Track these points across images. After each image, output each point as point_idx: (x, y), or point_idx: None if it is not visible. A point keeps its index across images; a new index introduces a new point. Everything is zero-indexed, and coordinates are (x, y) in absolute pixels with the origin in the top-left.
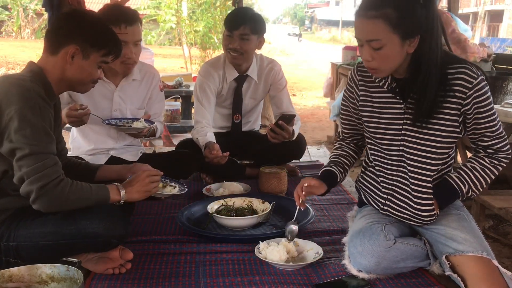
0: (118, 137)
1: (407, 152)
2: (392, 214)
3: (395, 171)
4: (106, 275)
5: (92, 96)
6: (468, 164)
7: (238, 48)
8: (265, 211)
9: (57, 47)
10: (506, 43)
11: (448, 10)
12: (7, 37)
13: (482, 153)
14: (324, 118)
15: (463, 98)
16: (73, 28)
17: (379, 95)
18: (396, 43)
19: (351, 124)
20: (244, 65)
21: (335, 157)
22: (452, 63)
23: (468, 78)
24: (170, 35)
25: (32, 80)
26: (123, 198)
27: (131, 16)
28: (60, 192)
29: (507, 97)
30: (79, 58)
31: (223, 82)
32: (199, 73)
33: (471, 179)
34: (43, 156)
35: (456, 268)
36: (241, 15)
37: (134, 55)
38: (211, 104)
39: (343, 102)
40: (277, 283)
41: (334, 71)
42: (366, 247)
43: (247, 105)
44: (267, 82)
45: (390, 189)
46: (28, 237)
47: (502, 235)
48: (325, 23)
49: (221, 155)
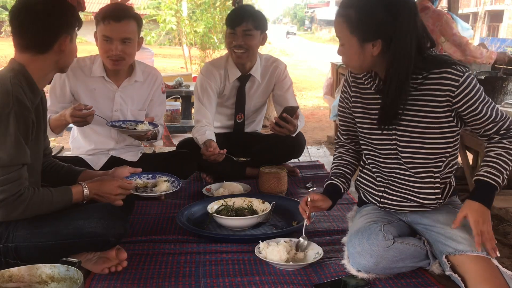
0: (119, 138)
1: (401, 146)
2: (390, 206)
3: (391, 168)
4: (106, 275)
5: (94, 95)
6: (491, 153)
7: (242, 44)
8: (265, 211)
9: (48, 45)
10: (506, 43)
11: (448, 10)
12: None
13: (497, 137)
14: (324, 118)
15: (451, 96)
16: (59, 21)
17: (369, 96)
18: (354, 44)
19: (348, 125)
20: (248, 64)
21: (336, 168)
22: (437, 67)
23: (454, 77)
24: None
25: (13, 80)
26: (86, 198)
27: (119, 12)
28: (19, 204)
29: (507, 97)
30: (68, 43)
31: (225, 81)
32: (200, 72)
33: (502, 166)
34: (8, 169)
35: (456, 267)
36: (243, 12)
37: (122, 53)
38: (212, 103)
39: (340, 103)
40: (277, 283)
41: (334, 71)
42: (365, 247)
43: (251, 105)
44: (271, 81)
45: (387, 183)
46: (27, 237)
47: (502, 235)
48: (325, 23)
49: (218, 152)
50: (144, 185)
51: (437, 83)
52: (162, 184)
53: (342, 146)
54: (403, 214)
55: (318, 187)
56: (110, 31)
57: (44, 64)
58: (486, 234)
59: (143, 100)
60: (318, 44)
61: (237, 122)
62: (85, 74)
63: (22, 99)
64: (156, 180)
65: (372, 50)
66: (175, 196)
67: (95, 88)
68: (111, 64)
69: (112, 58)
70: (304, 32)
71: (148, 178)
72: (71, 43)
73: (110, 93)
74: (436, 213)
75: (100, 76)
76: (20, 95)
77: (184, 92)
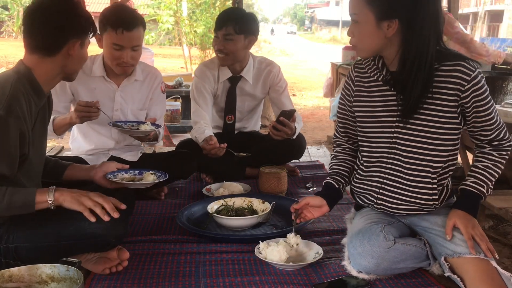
0: (119, 138)
1: (400, 144)
2: (387, 208)
3: (387, 168)
4: (106, 275)
5: (94, 95)
6: (479, 164)
7: (222, 49)
8: (265, 211)
9: (57, 47)
10: (506, 43)
11: (448, 11)
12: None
13: (488, 147)
14: (324, 118)
15: (461, 90)
16: (71, 24)
17: (374, 89)
18: (371, 22)
19: (347, 122)
20: (237, 66)
21: (331, 168)
22: (449, 60)
23: (466, 71)
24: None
25: (15, 84)
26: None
27: (130, 20)
28: None
29: (507, 97)
30: (78, 49)
31: (218, 82)
32: (194, 74)
33: (487, 178)
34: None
35: (455, 269)
36: (225, 16)
37: (131, 59)
38: (208, 104)
39: (340, 101)
40: (277, 283)
41: (334, 71)
42: (366, 248)
43: (243, 106)
44: (265, 84)
45: (382, 183)
46: (28, 238)
47: (502, 235)
48: (325, 23)
49: (218, 146)
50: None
51: (449, 75)
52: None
53: (340, 145)
54: (401, 217)
55: (318, 187)
56: (122, 40)
57: (51, 68)
58: (478, 236)
59: (143, 99)
60: (318, 44)
61: (227, 123)
62: (86, 74)
63: (14, 106)
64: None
65: (386, 31)
66: (175, 196)
67: (95, 88)
68: (120, 70)
69: (123, 65)
70: (304, 32)
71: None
72: (81, 49)
73: (110, 93)
74: (435, 216)
75: (100, 76)
76: (16, 101)
77: (184, 92)
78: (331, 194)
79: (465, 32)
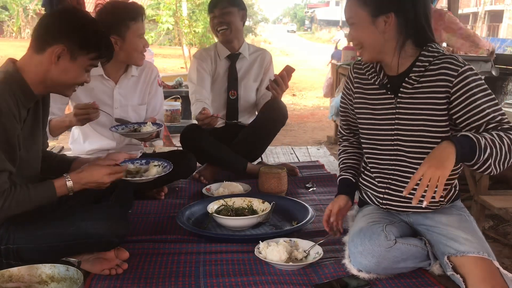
0: (120, 138)
1: (403, 146)
2: (393, 207)
3: (391, 165)
4: (105, 275)
5: (93, 95)
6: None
7: (223, 21)
8: (265, 211)
9: (43, 45)
10: (506, 43)
11: (448, 10)
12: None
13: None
14: (324, 118)
15: (449, 87)
16: (62, 27)
17: (372, 91)
18: (365, 20)
19: (350, 120)
20: (235, 43)
21: (342, 163)
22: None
23: (452, 67)
24: (170, 35)
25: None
26: (71, 190)
27: (141, 9)
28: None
29: (507, 97)
30: (66, 59)
31: (216, 61)
32: (193, 57)
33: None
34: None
35: (458, 268)
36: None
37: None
38: (205, 81)
39: (341, 100)
40: (277, 283)
41: (334, 71)
42: (367, 247)
43: (242, 85)
44: (260, 67)
45: (388, 183)
46: (29, 239)
47: (502, 235)
48: (325, 23)
49: (211, 115)
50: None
51: (438, 73)
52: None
53: (346, 140)
54: (406, 215)
55: (318, 187)
56: (143, 28)
57: (36, 68)
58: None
59: (142, 93)
60: (318, 44)
61: (231, 99)
62: None
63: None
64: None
65: (384, 27)
66: (175, 196)
67: (93, 87)
68: (143, 58)
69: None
70: (304, 32)
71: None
72: (70, 61)
73: (108, 91)
74: (439, 214)
75: (97, 75)
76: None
77: (184, 92)
78: (351, 190)
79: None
